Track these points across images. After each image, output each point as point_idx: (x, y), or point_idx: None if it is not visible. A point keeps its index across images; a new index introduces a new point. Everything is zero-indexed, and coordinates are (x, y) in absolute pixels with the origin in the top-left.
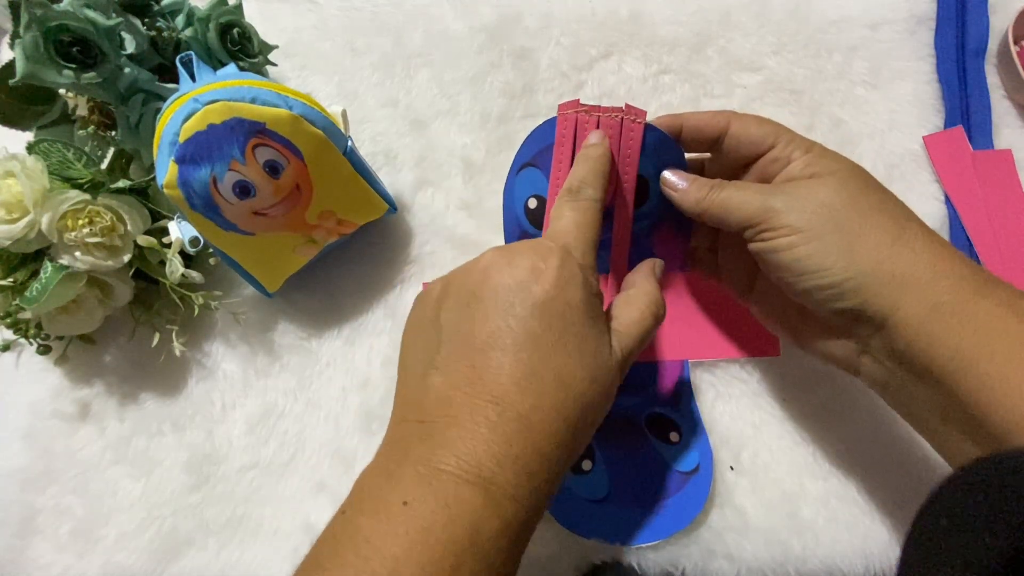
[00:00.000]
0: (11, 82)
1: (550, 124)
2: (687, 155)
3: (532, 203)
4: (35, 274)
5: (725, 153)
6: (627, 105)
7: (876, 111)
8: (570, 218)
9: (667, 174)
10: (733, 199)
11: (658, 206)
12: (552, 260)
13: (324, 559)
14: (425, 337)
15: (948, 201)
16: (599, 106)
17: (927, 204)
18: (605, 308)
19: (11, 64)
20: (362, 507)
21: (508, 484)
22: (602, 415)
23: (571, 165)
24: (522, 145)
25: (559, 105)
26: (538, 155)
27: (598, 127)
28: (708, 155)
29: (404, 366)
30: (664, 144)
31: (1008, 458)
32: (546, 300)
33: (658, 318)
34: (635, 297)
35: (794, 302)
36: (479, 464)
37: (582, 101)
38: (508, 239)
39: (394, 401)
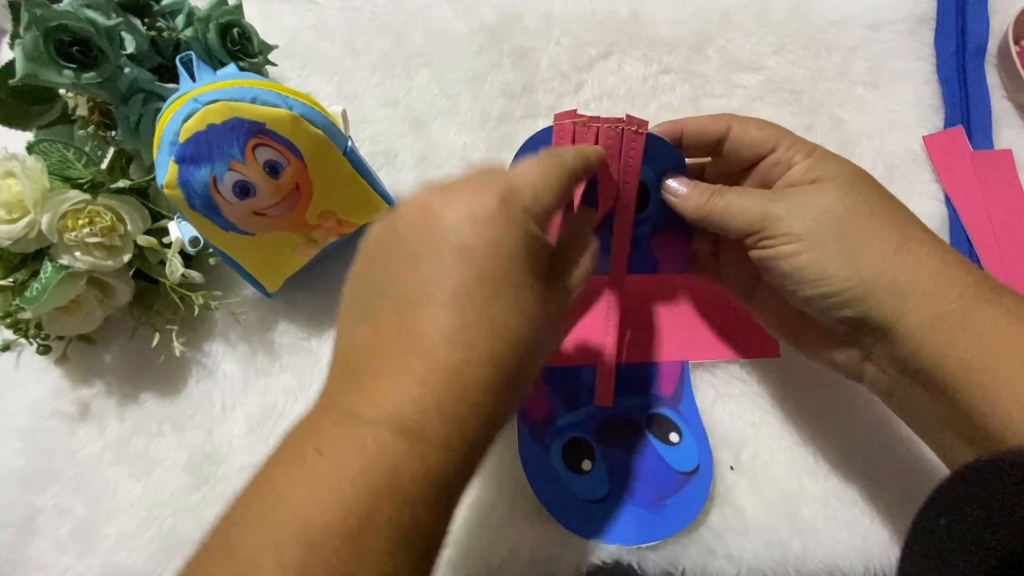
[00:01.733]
0: (11, 82)
1: (546, 132)
2: (688, 160)
3: None
4: (35, 274)
5: (726, 157)
6: (628, 116)
7: (876, 111)
8: (533, 163)
9: (668, 180)
10: (733, 205)
11: (659, 211)
12: (491, 203)
13: (234, 515)
14: (360, 287)
15: (948, 201)
16: (598, 117)
17: (927, 204)
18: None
19: (11, 64)
20: (278, 459)
21: (435, 435)
22: (543, 360)
23: None
24: (518, 152)
25: (555, 115)
26: None
27: (597, 137)
28: (709, 159)
29: (340, 318)
30: (664, 150)
31: (1008, 457)
32: (482, 248)
33: (595, 265)
34: (577, 247)
35: (796, 308)
36: (402, 415)
37: (582, 102)
38: None
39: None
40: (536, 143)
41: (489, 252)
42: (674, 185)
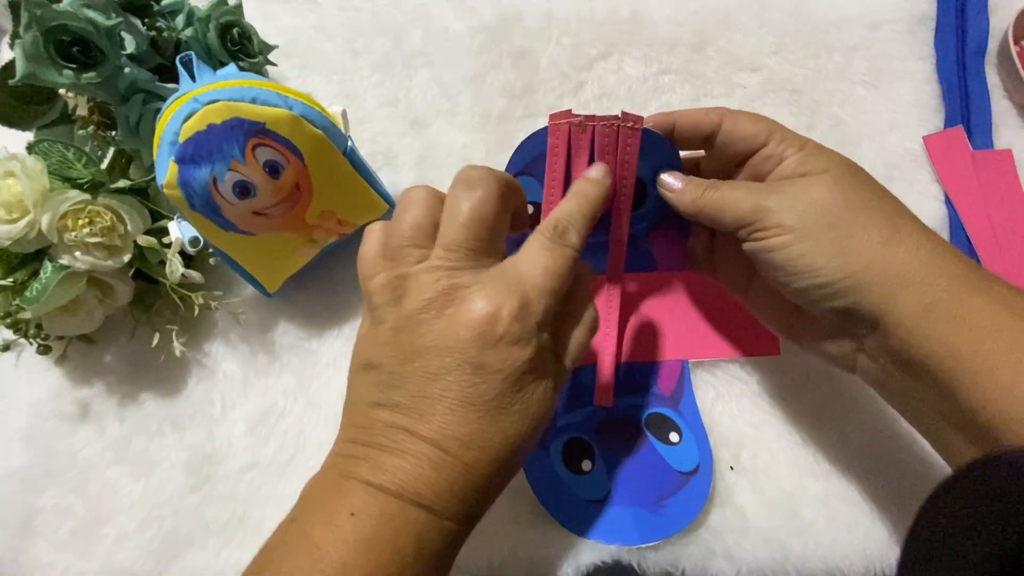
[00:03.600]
0: (11, 82)
1: (541, 134)
2: (682, 153)
3: (529, 209)
4: (35, 274)
5: (718, 151)
6: (623, 112)
7: (876, 111)
8: (542, 263)
9: (663, 175)
10: (727, 199)
11: (655, 207)
12: (506, 323)
13: (277, 562)
14: (378, 356)
15: (948, 201)
16: (593, 115)
17: (927, 204)
18: (598, 300)
19: (11, 64)
20: (312, 516)
21: (446, 511)
22: (543, 430)
23: (565, 176)
24: (513, 155)
25: (550, 115)
26: (531, 164)
27: (593, 136)
28: (703, 153)
29: (352, 387)
30: (659, 145)
31: (1008, 458)
32: (497, 367)
33: (594, 331)
34: (577, 312)
35: (790, 301)
36: (419, 494)
37: (582, 102)
38: (508, 242)
39: (342, 418)
40: (532, 143)
41: (504, 371)
42: (669, 180)
